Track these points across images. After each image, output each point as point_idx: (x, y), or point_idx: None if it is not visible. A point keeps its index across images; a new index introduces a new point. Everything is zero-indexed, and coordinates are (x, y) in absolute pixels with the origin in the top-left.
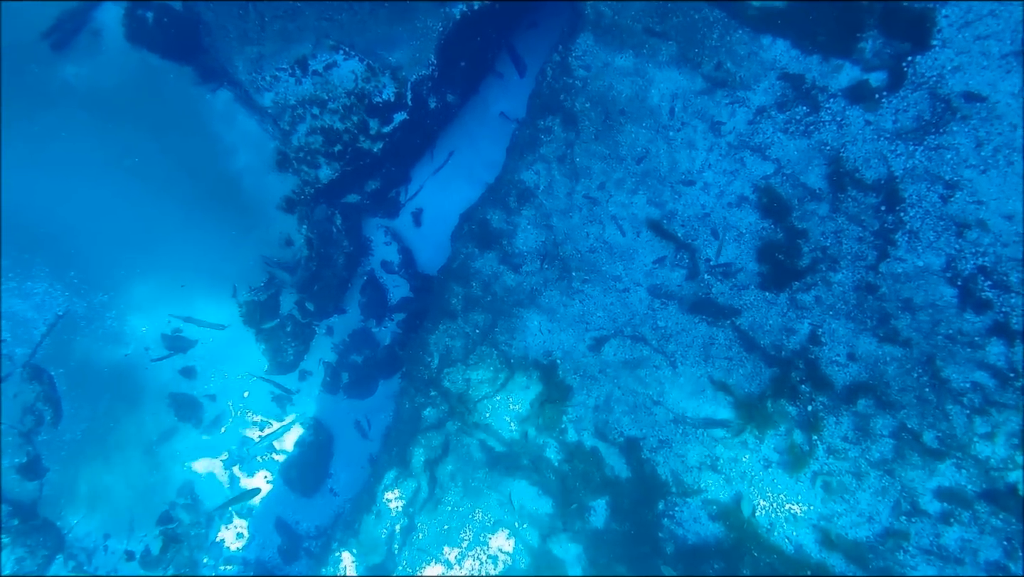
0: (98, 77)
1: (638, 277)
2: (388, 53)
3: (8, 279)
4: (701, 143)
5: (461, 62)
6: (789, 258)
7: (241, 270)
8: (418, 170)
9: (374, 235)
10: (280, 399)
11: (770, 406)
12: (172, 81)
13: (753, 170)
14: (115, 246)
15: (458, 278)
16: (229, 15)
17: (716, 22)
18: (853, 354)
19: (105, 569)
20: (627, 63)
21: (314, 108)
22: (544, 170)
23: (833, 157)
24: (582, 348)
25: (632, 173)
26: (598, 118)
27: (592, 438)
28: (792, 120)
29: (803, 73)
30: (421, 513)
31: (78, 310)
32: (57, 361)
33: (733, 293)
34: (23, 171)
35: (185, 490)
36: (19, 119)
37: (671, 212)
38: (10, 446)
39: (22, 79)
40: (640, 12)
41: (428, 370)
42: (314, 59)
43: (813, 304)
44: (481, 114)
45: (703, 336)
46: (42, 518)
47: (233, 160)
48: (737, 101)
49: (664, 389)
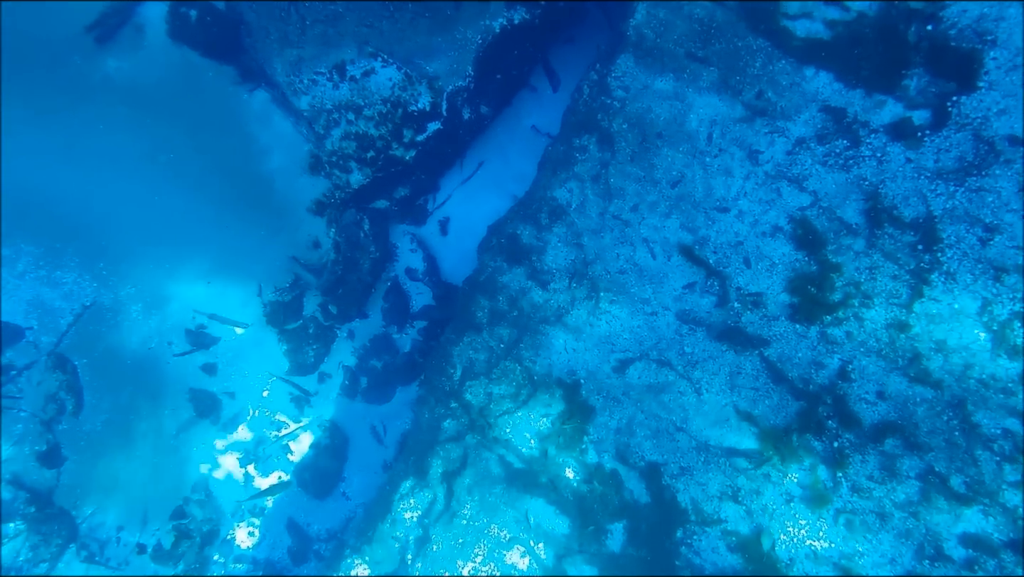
0: (139, 72)
1: (667, 301)
2: (426, 63)
3: (39, 267)
4: (738, 171)
5: (497, 75)
6: (821, 291)
7: (267, 270)
8: (447, 179)
9: (400, 242)
10: (298, 400)
11: (795, 440)
12: (211, 79)
13: (789, 201)
14: (145, 240)
15: (485, 291)
16: (271, 16)
17: (759, 51)
18: (883, 392)
19: (116, 560)
20: (667, 86)
21: (350, 113)
22: (577, 188)
23: (871, 193)
24: (607, 369)
25: (666, 197)
26: (635, 140)
27: (613, 460)
28: (832, 153)
29: (845, 107)
30: (436, 525)
31: (105, 301)
32: (82, 351)
33: (763, 323)
34: (59, 162)
35: (200, 486)
36: (59, 110)
37: (704, 238)
38: (31, 433)
39: (65, 71)
40: (683, 36)
41: (450, 381)
42: (353, 65)
43: (844, 339)
44: (513, 126)
45: (730, 365)
46: (58, 507)
47: (267, 161)
48: (777, 131)
49: (688, 416)
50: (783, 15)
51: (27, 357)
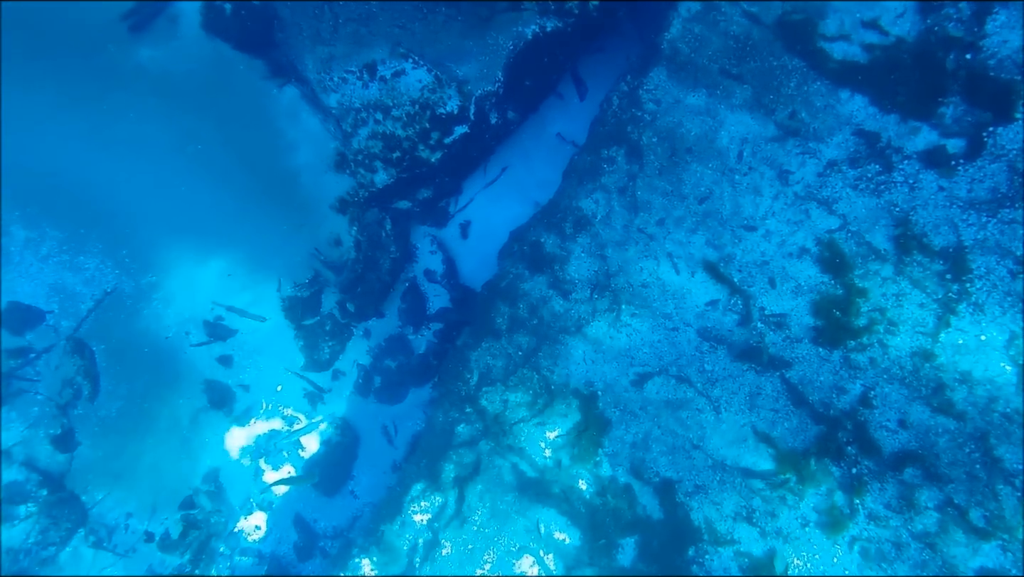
0: (171, 62)
1: (689, 317)
2: (456, 66)
3: (63, 252)
4: (767, 190)
5: (526, 81)
6: (846, 316)
7: (288, 265)
8: (470, 182)
9: (420, 243)
10: (312, 396)
11: (813, 464)
12: (242, 73)
13: (818, 223)
14: (169, 230)
15: (505, 297)
16: (304, 13)
17: (795, 71)
18: (904, 421)
19: (124, 547)
20: (699, 102)
21: (378, 113)
22: (603, 199)
23: (902, 219)
24: (625, 382)
25: (693, 212)
26: (664, 153)
27: (627, 475)
28: (863, 177)
29: (879, 131)
30: (446, 529)
31: (126, 289)
32: (100, 337)
33: (785, 344)
34: (89, 148)
35: (210, 477)
36: (91, 97)
37: (729, 256)
38: (46, 416)
39: (99, 58)
40: (717, 52)
41: (466, 386)
42: (383, 65)
43: (867, 365)
44: (538, 133)
45: (750, 385)
46: (69, 491)
47: (293, 157)
48: (808, 152)
49: (705, 434)
50: (820, 36)
51: (46, 340)
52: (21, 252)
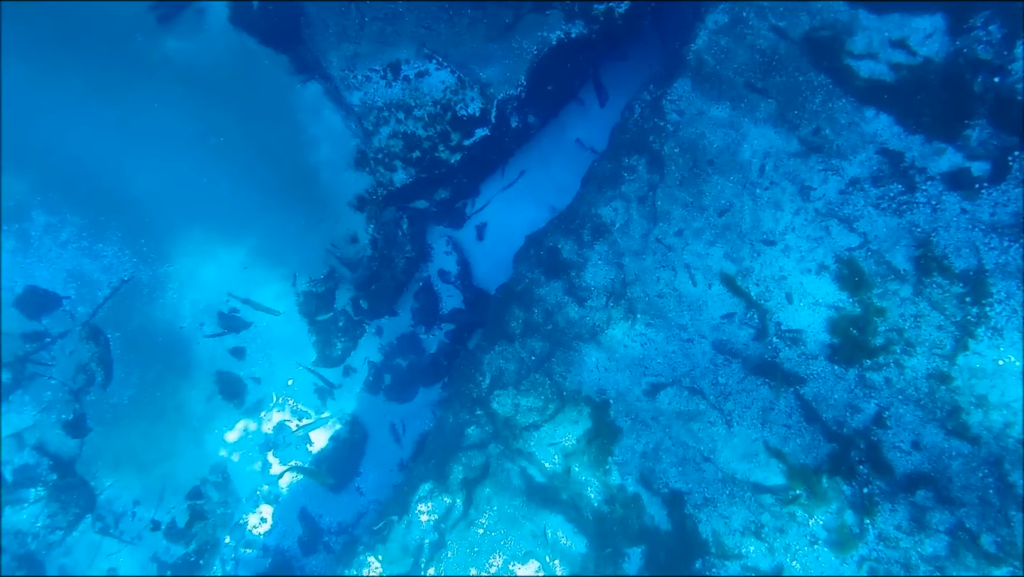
0: (197, 54)
1: (704, 329)
2: (480, 68)
3: (82, 238)
4: (788, 205)
5: (548, 86)
6: (863, 334)
7: (304, 260)
8: (488, 184)
9: (436, 243)
10: (322, 392)
11: (825, 481)
12: (267, 67)
13: (838, 240)
14: (187, 220)
15: (520, 302)
16: (331, 10)
17: (820, 87)
18: (918, 443)
19: (130, 534)
20: (723, 114)
21: (400, 112)
22: (623, 208)
23: (923, 240)
24: (637, 392)
25: (712, 224)
26: (685, 164)
27: (636, 484)
28: (885, 196)
29: (903, 151)
30: (453, 531)
31: (143, 277)
32: (115, 325)
33: (801, 361)
34: (112, 136)
35: (218, 469)
36: (116, 86)
37: (747, 269)
38: (59, 402)
39: (125, 47)
40: (743, 66)
41: (478, 389)
42: (407, 65)
43: (883, 385)
44: (557, 138)
45: (763, 400)
46: (78, 476)
47: (313, 153)
48: (831, 169)
49: (716, 447)
50: (848, 53)
51: (62, 326)
52: (41, 237)
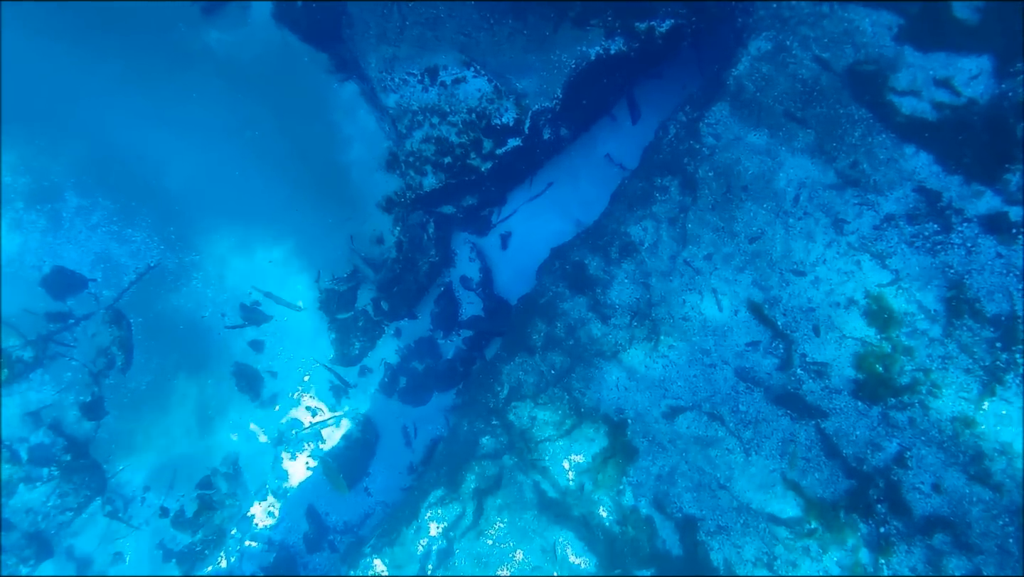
0: (238, 47)
1: (727, 356)
2: (517, 79)
3: (112, 222)
4: (820, 237)
5: (583, 100)
6: (889, 372)
7: (329, 258)
8: (515, 194)
9: (460, 249)
10: (337, 390)
11: (842, 517)
12: (306, 64)
13: (869, 275)
14: (217, 212)
15: (544, 315)
16: (373, 12)
17: (860, 121)
18: (938, 486)
19: (138, 520)
20: (760, 141)
21: (434, 117)
22: (652, 228)
23: (956, 281)
24: (656, 413)
25: (742, 251)
26: (719, 189)
27: (649, 506)
28: (920, 235)
29: (941, 191)
30: (462, 540)
31: (169, 265)
32: (138, 310)
33: (824, 394)
34: (149, 123)
35: (229, 460)
36: (157, 74)
37: (775, 298)
38: (78, 383)
39: (168, 36)
40: (783, 94)
41: (495, 399)
42: (445, 71)
43: (906, 425)
44: (587, 152)
45: (784, 431)
46: (92, 459)
47: (346, 152)
48: (866, 204)
49: (733, 475)
50: (890, 89)
51: (86, 308)
52: (72, 218)
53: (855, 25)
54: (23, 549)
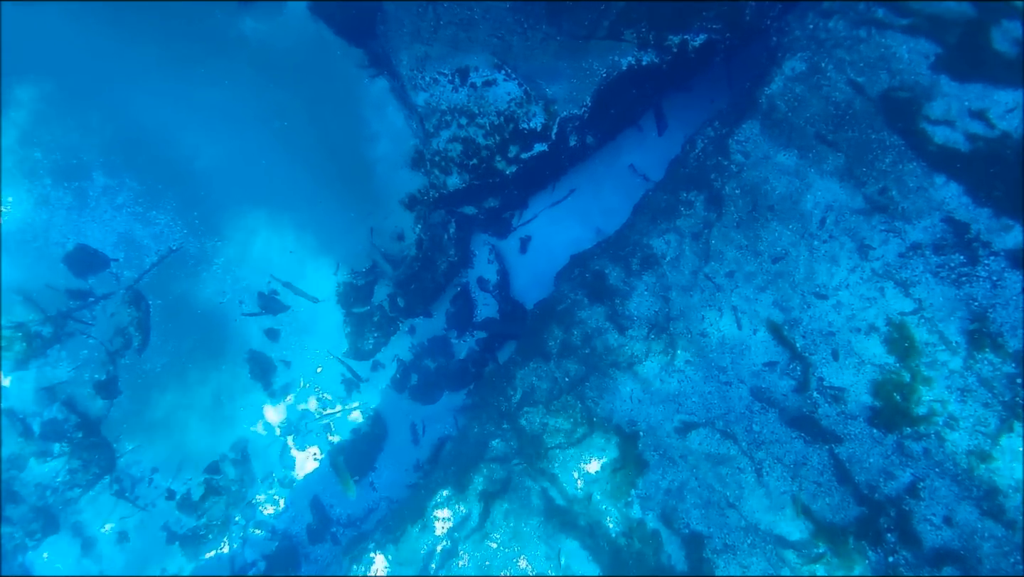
0: (272, 37)
1: (744, 375)
2: (547, 85)
3: (137, 203)
4: (845, 261)
5: (611, 109)
6: (907, 401)
7: (349, 251)
8: (537, 199)
9: (479, 250)
10: (349, 383)
11: (851, 544)
12: (338, 58)
13: (892, 303)
14: (241, 199)
15: (560, 321)
16: (408, 10)
17: (892, 147)
18: (950, 519)
19: (144, 501)
20: (789, 162)
21: (462, 118)
22: (675, 242)
23: (979, 314)
24: (668, 428)
25: (765, 270)
26: (745, 207)
27: (656, 520)
28: (946, 265)
29: (969, 223)
30: (466, 542)
31: (190, 249)
32: (158, 292)
33: (839, 419)
34: (179, 108)
35: (238, 446)
36: (190, 60)
37: (795, 320)
38: (94, 361)
39: (204, 23)
40: (815, 116)
41: (507, 403)
42: (476, 72)
43: (921, 455)
44: (611, 161)
45: (797, 453)
46: (102, 437)
47: (372, 148)
48: (893, 231)
49: (743, 494)
50: (924, 117)
51: (107, 287)
52: (98, 198)
53: (892, 51)
54: (30, 522)
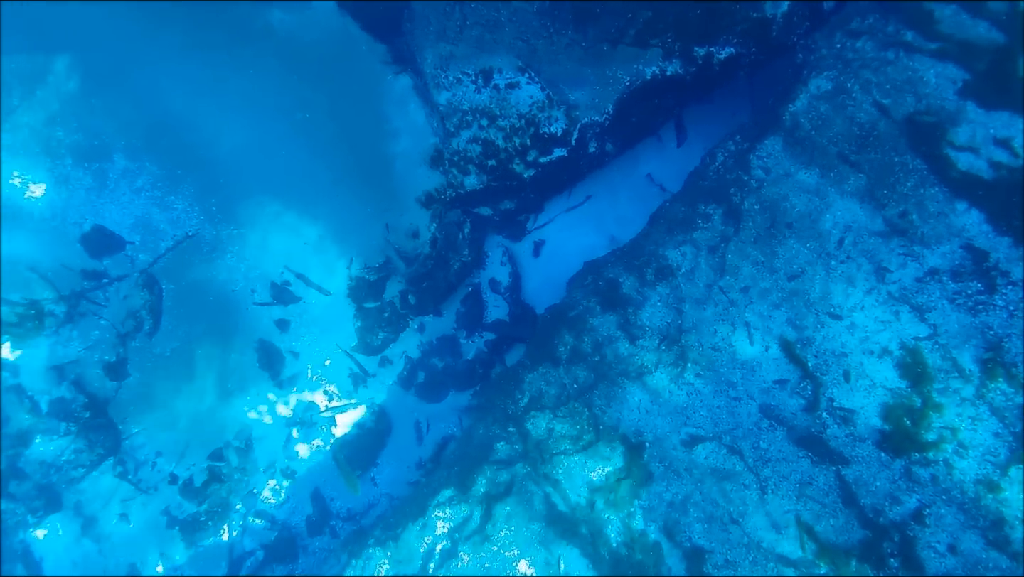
0: (299, 29)
1: (754, 391)
2: (570, 90)
3: (155, 188)
4: (861, 283)
5: (632, 118)
6: (916, 427)
7: (363, 246)
8: (552, 203)
9: (492, 252)
10: (356, 378)
11: (853, 566)
12: (363, 53)
13: (906, 327)
14: (259, 189)
15: (572, 328)
16: (435, 9)
17: (914, 171)
18: (955, 547)
19: (147, 484)
20: (810, 180)
21: (483, 119)
22: (691, 254)
23: (994, 343)
24: (675, 440)
25: (780, 288)
26: (763, 223)
27: (658, 532)
28: (963, 293)
29: (989, 251)
30: (466, 543)
31: (206, 236)
32: (172, 277)
33: (848, 441)
34: (203, 95)
35: (242, 435)
36: (216, 47)
37: (808, 339)
38: (105, 343)
39: (231, 11)
40: (839, 136)
41: (515, 406)
42: (499, 74)
43: (928, 481)
44: (629, 170)
45: (803, 473)
46: (109, 418)
47: (392, 144)
48: (912, 255)
49: (746, 511)
50: (948, 143)
51: (121, 269)
52: (118, 180)
53: (919, 75)
54: (33, 500)
